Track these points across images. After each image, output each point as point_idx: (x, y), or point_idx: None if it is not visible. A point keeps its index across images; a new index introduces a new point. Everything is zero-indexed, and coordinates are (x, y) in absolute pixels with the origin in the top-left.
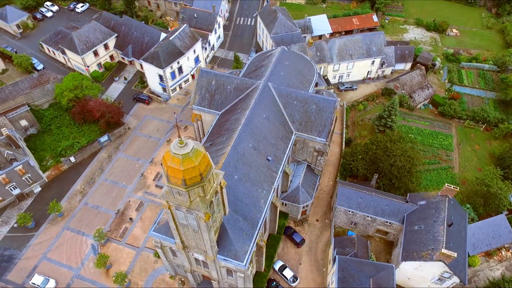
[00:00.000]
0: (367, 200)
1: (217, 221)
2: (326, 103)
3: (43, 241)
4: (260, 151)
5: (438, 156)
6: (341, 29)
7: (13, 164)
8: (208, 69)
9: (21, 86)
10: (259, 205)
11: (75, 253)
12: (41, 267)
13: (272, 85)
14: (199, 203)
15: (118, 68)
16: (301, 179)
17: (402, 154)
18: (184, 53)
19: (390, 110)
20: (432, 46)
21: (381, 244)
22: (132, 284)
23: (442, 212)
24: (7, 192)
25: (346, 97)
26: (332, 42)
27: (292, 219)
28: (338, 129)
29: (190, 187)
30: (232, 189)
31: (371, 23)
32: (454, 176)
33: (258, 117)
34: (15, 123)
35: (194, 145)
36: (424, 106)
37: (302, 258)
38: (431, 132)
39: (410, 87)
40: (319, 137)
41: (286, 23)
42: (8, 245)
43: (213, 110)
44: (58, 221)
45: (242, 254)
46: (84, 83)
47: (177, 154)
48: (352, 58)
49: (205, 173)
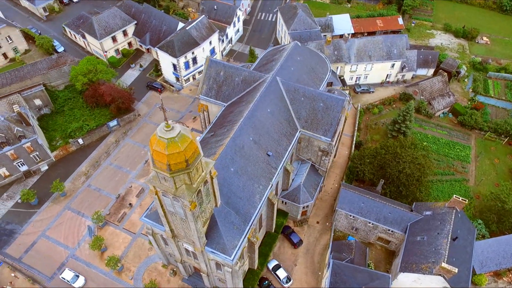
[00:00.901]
0: (370, 205)
1: (206, 212)
2: (334, 101)
3: (44, 219)
4: (261, 145)
5: (453, 167)
6: (364, 30)
7: (21, 140)
8: (217, 60)
9: (39, 66)
10: (254, 200)
11: (72, 234)
12: (39, 244)
13: (280, 79)
14: (185, 190)
15: (135, 56)
16: (303, 178)
17: (412, 161)
18: (199, 43)
19: (405, 115)
20: (459, 53)
21: (382, 253)
22: (124, 269)
23: (447, 225)
24: (15, 168)
25: (362, 99)
26: (351, 42)
27: (292, 219)
28: (349, 131)
29: (175, 173)
30: (227, 181)
31: (395, 26)
32: (468, 189)
33: (262, 111)
34: (29, 102)
35: (181, 130)
36: (444, 115)
37: (298, 259)
38: (448, 141)
39: (430, 93)
40: (324, 136)
41: (305, 20)
42: (10, 219)
43: (220, 101)
44: (60, 201)
45: (230, 248)
46: (99, 67)
47: (162, 138)
48: (371, 60)
49: (191, 160)
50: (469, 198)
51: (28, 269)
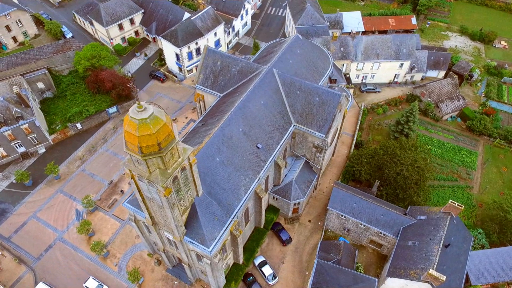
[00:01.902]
0: (362, 206)
1: (185, 201)
2: (330, 96)
3: (37, 200)
4: (251, 137)
5: (457, 173)
6: (375, 28)
7: (19, 122)
8: (215, 49)
9: (45, 50)
10: (239, 192)
11: (62, 217)
12: (29, 225)
13: (277, 71)
14: (158, 175)
15: (141, 44)
16: (296, 175)
17: (410, 164)
18: (204, 34)
19: (409, 116)
20: (473, 57)
21: (373, 257)
22: (110, 256)
23: (440, 231)
24: (12, 149)
25: (367, 98)
26: (358, 39)
27: (283, 216)
28: (350, 130)
29: (147, 156)
30: (211, 171)
31: (408, 25)
32: (471, 196)
33: (255, 102)
34: (32, 85)
35: (154, 111)
36: (452, 118)
37: (286, 257)
38: (454, 146)
39: (438, 96)
40: (318, 131)
41: (313, 15)
42: (4, 199)
43: (215, 91)
44: (54, 183)
45: (209, 240)
46: (102, 54)
47: (133, 119)
48: (379, 58)
49: (164, 143)
50: (471, 206)
51: (16, 248)
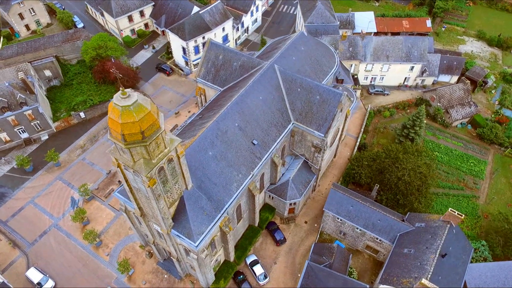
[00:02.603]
0: (359, 209)
1: (173, 193)
2: (331, 95)
3: (36, 186)
4: (246, 132)
5: (463, 181)
6: (388, 29)
7: (23, 107)
8: (218, 42)
9: (54, 39)
10: (230, 188)
11: (59, 204)
12: (26, 210)
13: (278, 67)
14: (142, 165)
15: (150, 37)
16: (293, 174)
17: (412, 169)
18: (211, 28)
19: (415, 120)
20: (490, 63)
21: (369, 263)
22: (103, 245)
23: (438, 239)
24: (15, 134)
25: (375, 101)
26: (368, 39)
27: (279, 215)
28: (354, 132)
29: (130, 145)
30: (203, 165)
31: (423, 28)
32: (477, 207)
33: (253, 98)
34: (39, 72)
35: (138, 99)
36: (462, 125)
37: (279, 258)
38: (462, 154)
39: (448, 101)
40: (317, 131)
41: (324, 14)
42: (4, 183)
43: (216, 85)
44: (54, 170)
45: (196, 234)
46: (109, 44)
47: (117, 105)
48: (388, 60)
49: (148, 132)
50: (476, 216)
51: (12, 232)
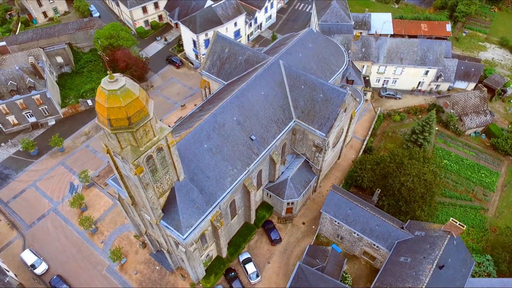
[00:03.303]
0: (357, 213)
1: (163, 183)
2: (335, 94)
3: (38, 170)
4: (245, 127)
5: (472, 192)
6: (405, 32)
7: (31, 92)
8: (225, 35)
9: (69, 26)
10: (224, 182)
11: (59, 188)
12: (28, 193)
13: (283, 63)
14: (129, 152)
15: (163, 29)
16: (292, 173)
17: (417, 175)
18: (223, 23)
19: (424, 126)
20: (511, 71)
21: (366, 269)
22: (98, 232)
23: (436, 250)
24: (23, 118)
25: (385, 104)
26: (382, 40)
27: (276, 215)
28: (361, 134)
29: (116, 130)
30: (197, 157)
31: (442, 32)
32: (485, 219)
33: (255, 92)
34: (51, 58)
35: (125, 83)
36: (475, 134)
37: (273, 257)
38: (473, 164)
39: (463, 108)
40: (319, 130)
41: (339, 13)
42: (9, 165)
43: (220, 79)
44: (57, 155)
45: (185, 227)
46: (121, 34)
47: (103, 89)
48: (402, 63)
49: (135, 118)
50: (483, 229)
51: (11, 214)
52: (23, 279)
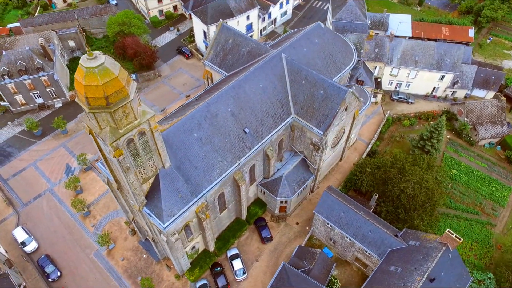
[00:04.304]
0: (350, 217)
1: (147, 169)
2: (336, 91)
3: (40, 150)
4: (239, 119)
5: (480, 206)
6: (424, 35)
7: (39, 73)
8: (230, 26)
9: (84, 12)
10: (212, 174)
11: (58, 170)
12: (27, 171)
13: (285, 56)
14: (108, 133)
15: (177, 20)
16: (287, 171)
17: (418, 182)
18: (235, 15)
19: (433, 132)
20: None
21: (357, 276)
22: (90, 216)
23: (429, 261)
24: (31, 98)
25: (396, 108)
26: (397, 41)
27: (270, 212)
28: (367, 137)
29: (94, 109)
30: (185, 146)
31: (463, 37)
32: (491, 235)
33: (253, 84)
34: (63, 42)
35: (105, 62)
36: (490, 145)
37: (262, 256)
38: (484, 176)
39: (478, 117)
40: (317, 127)
41: (354, 11)
42: (13, 143)
43: (222, 70)
44: (60, 137)
45: (166, 215)
46: (133, 22)
47: (82, 66)
48: (417, 66)
49: (113, 99)
50: (488, 245)
51: (9, 191)
52: (13, 256)
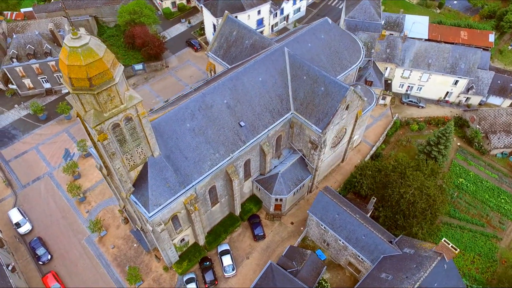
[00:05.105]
0: (344, 219)
1: (134, 156)
2: (337, 88)
3: (43, 134)
4: (235, 112)
5: (486, 218)
6: (441, 38)
7: (47, 57)
8: (235, 18)
9: (97, 0)
10: (203, 166)
11: (59, 154)
12: (29, 154)
13: (288, 51)
14: (92, 116)
15: (190, 12)
16: (284, 168)
17: (418, 188)
18: (245, 9)
19: (440, 137)
20: None
21: (349, 281)
22: (85, 202)
23: (422, 271)
24: (39, 83)
25: (406, 111)
26: (410, 43)
27: (265, 210)
28: (372, 139)
29: (77, 91)
30: (177, 135)
31: (483, 42)
32: (495, 249)
33: (251, 77)
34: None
35: (89, 42)
36: (502, 155)
37: (253, 253)
38: (493, 187)
39: (491, 125)
40: (315, 125)
41: (368, 10)
42: (18, 126)
43: (225, 62)
44: (63, 123)
45: (152, 205)
46: (144, 11)
47: (66, 45)
48: (430, 69)
49: (96, 81)
50: (492, 260)
51: (10, 172)
52: (7, 236)
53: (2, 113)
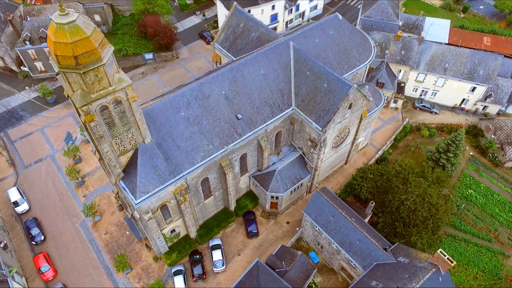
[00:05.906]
0: (339, 222)
1: (124, 141)
2: (339, 86)
3: (50, 117)
4: (233, 104)
5: (494, 233)
6: (462, 43)
7: None
8: (243, 10)
9: None
10: (195, 156)
11: (62, 138)
12: (34, 136)
13: (293, 44)
14: (79, 96)
15: (205, 5)
16: (282, 165)
17: (421, 195)
18: (259, 3)
19: (449, 145)
20: None
21: (341, 287)
22: (83, 186)
23: (414, 282)
24: (50, 66)
25: (418, 117)
26: (426, 45)
27: (261, 207)
28: (379, 143)
29: (64, 69)
30: (170, 123)
31: (507, 50)
32: (501, 266)
33: (252, 69)
34: (89, 15)
35: (76, 20)
36: None
37: (245, 250)
38: (505, 201)
39: (507, 135)
40: (316, 122)
41: (385, 9)
42: (26, 107)
43: (230, 54)
44: (70, 107)
45: (140, 192)
46: (158, 1)
47: (53, 22)
48: (446, 73)
49: (83, 60)
50: (497, 277)
51: (14, 152)
52: (4, 214)
53: (13, 94)
